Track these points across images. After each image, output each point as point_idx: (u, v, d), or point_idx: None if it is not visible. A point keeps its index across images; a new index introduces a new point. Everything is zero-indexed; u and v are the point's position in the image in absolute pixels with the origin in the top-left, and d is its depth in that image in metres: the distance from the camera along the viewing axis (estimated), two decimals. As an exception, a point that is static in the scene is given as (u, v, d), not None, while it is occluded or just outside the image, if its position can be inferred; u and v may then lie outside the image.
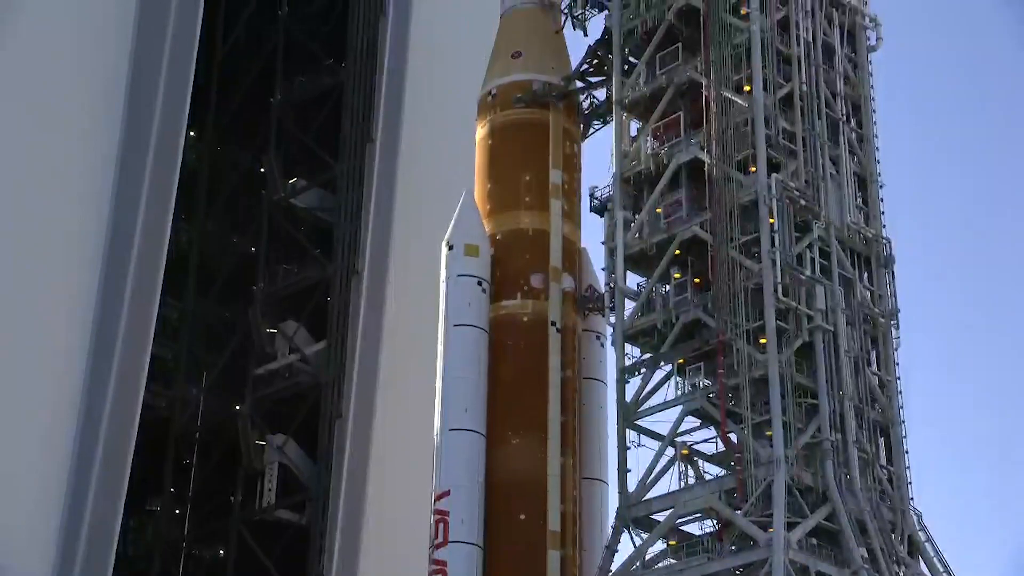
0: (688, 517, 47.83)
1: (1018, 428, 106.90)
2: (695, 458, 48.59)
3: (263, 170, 73.77)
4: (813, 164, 50.43)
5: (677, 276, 49.77)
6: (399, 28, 71.70)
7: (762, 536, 44.62)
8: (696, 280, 49.38)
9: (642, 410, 49.22)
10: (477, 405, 51.28)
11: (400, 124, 70.55)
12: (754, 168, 48.96)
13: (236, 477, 69.38)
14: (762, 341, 47.01)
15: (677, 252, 49.64)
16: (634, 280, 50.85)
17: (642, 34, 52.83)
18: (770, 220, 48.09)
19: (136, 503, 66.78)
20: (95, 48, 65.72)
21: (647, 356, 49.86)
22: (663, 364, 49.43)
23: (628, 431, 48.80)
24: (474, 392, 51.41)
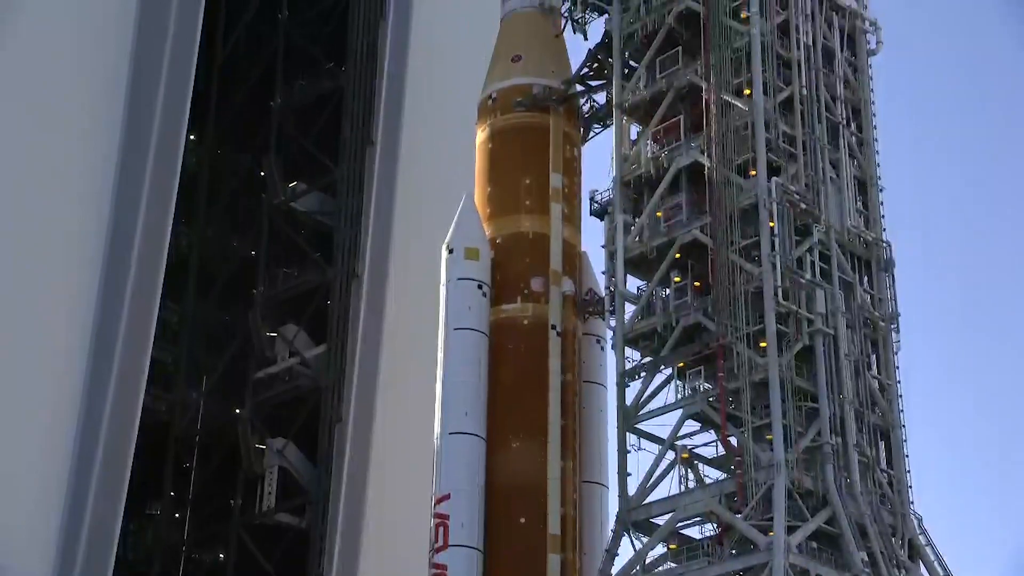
0: (688, 521, 47.84)
1: (1018, 431, 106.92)
2: (695, 462, 48.55)
3: (263, 173, 73.68)
4: (813, 168, 50.41)
5: (677, 280, 49.77)
6: (399, 32, 71.68)
7: (762, 540, 44.57)
8: (696, 284, 49.36)
9: (642, 414, 49.18)
10: (477, 409, 51.23)
11: (400, 128, 70.55)
12: (754, 172, 48.94)
13: (236, 481, 69.34)
14: (762, 345, 47.00)
15: (677, 256, 49.63)
16: (634, 284, 50.90)
17: (642, 38, 52.84)
18: (770, 224, 48.07)
19: (136, 507, 66.78)
20: (95, 48, 65.69)
21: (647, 360, 49.85)
22: (663, 368, 49.42)
23: (628, 435, 48.79)
24: (474, 396, 51.37)
